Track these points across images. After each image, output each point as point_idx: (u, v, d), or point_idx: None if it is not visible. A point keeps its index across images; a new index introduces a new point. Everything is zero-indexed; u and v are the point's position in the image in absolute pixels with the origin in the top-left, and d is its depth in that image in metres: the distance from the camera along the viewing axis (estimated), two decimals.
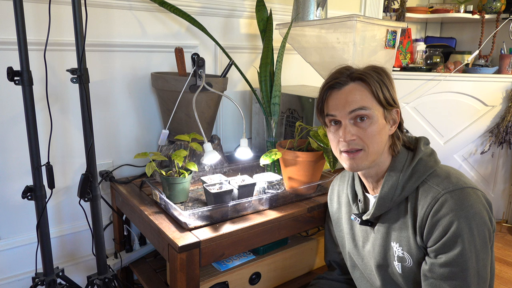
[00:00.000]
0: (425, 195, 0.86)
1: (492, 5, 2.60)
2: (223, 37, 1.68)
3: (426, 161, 0.91)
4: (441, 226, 0.82)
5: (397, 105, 0.93)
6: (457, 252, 0.81)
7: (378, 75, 0.90)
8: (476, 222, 0.81)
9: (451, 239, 0.81)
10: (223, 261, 1.24)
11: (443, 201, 0.83)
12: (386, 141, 0.92)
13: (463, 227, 0.80)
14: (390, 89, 0.91)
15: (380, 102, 0.89)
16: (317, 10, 1.57)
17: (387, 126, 0.92)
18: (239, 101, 1.81)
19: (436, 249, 0.84)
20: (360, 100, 0.88)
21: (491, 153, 2.53)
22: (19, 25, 0.95)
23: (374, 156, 0.90)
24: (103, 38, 1.39)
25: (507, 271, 2.10)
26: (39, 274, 1.13)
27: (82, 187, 1.05)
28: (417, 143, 0.95)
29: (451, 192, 0.83)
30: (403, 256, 0.91)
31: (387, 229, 0.94)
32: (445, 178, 0.87)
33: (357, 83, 0.90)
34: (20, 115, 1.22)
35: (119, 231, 1.46)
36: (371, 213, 0.95)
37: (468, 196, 0.83)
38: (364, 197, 1.02)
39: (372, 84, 0.89)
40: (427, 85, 2.47)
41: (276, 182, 1.29)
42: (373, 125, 0.88)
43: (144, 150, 1.53)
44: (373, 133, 0.88)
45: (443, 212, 0.82)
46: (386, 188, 0.91)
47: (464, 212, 0.81)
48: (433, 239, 0.84)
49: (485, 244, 0.83)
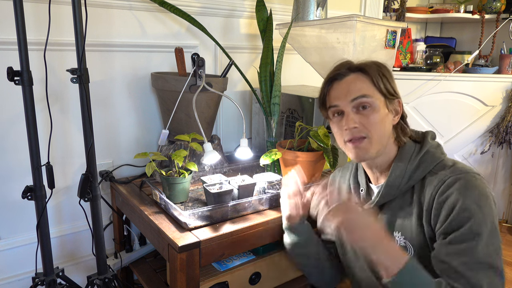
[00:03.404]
0: (432, 181, 0.87)
1: (492, 5, 2.60)
2: (223, 37, 1.68)
3: (433, 152, 0.92)
4: (448, 204, 0.82)
5: (398, 96, 0.95)
6: (467, 227, 0.79)
7: (378, 67, 0.93)
8: (484, 203, 0.81)
9: (458, 215, 0.80)
10: (223, 261, 1.24)
11: (450, 182, 0.83)
12: (389, 130, 0.93)
13: (471, 204, 0.80)
14: (390, 81, 0.93)
15: (381, 91, 0.91)
16: (317, 10, 1.57)
17: (389, 115, 0.93)
18: (239, 101, 1.81)
19: (445, 228, 0.82)
20: (361, 89, 0.91)
21: (491, 153, 2.53)
22: (19, 25, 0.95)
23: (378, 145, 0.91)
24: (103, 38, 1.39)
25: (507, 271, 2.10)
26: (39, 274, 1.12)
27: (82, 187, 1.05)
28: (424, 136, 0.96)
29: (457, 175, 0.84)
30: (405, 246, 0.91)
31: (390, 218, 0.94)
32: (452, 165, 0.88)
33: (357, 74, 0.93)
34: (20, 115, 1.22)
35: (119, 231, 1.46)
36: (376, 201, 0.95)
37: (474, 179, 0.83)
38: (367, 187, 1.02)
39: (372, 74, 0.91)
40: (427, 85, 2.47)
41: (276, 182, 1.29)
42: (375, 113, 0.90)
43: (144, 150, 1.52)
44: (375, 120, 0.90)
45: (450, 191, 0.82)
46: (394, 176, 0.91)
47: (470, 191, 0.81)
48: (441, 220, 0.83)
49: (494, 228, 0.80)
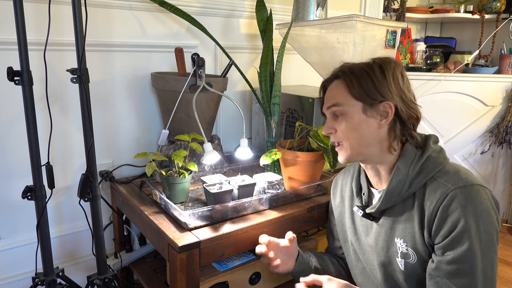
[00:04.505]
0: (434, 191, 0.86)
1: (492, 5, 2.60)
2: (223, 37, 1.68)
3: (436, 158, 0.90)
4: (450, 221, 0.82)
5: (387, 98, 0.88)
6: (465, 248, 0.80)
7: (362, 69, 0.90)
8: (483, 219, 0.81)
9: (459, 234, 0.81)
10: (223, 261, 1.24)
11: (453, 196, 0.83)
12: (374, 135, 0.91)
13: (471, 223, 0.80)
14: (376, 82, 0.88)
15: (357, 97, 0.90)
16: (317, 10, 1.57)
17: (370, 120, 0.90)
18: (239, 101, 1.81)
19: (444, 245, 0.83)
20: (335, 97, 0.94)
21: (491, 153, 2.53)
22: (19, 25, 0.95)
23: (355, 149, 0.93)
24: (103, 38, 1.39)
25: (507, 271, 2.10)
26: (39, 274, 1.12)
27: (82, 187, 1.05)
28: (426, 140, 0.95)
29: (461, 188, 0.83)
30: (407, 252, 0.91)
31: (392, 224, 0.94)
32: (455, 174, 0.87)
33: (337, 81, 0.95)
34: (20, 115, 1.22)
35: (119, 231, 1.46)
36: (377, 206, 0.95)
37: (478, 193, 0.83)
38: (368, 191, 1.02)
39: (346, 80, 0.92)
40: (427, 85, 2.47)
41: (276, 182, 1.29)
42: (347, 120, 0.92)
43: (144, 150, 1.52)
44: (347, 128, 0.92)
45: (452, 207, 0.82)
46: (395, 182, 0.91)
47: (473, 207, 0.81)
48: (442, 235, 0.84)
49: (492, 243, 0.83)
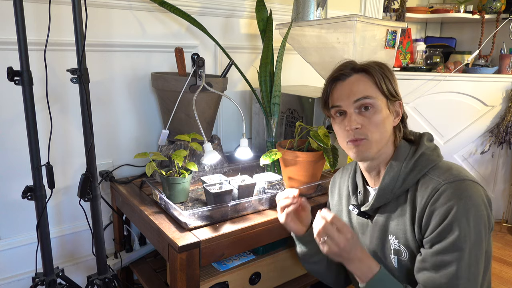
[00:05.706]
0: (426, 186, 0.87)
1: (492, 5, 2.60)
2: (223, 37, 1.68)
3: (429, 155, 0.91)
4: (438, 215, 0.82)
5: (399, 98, 0.95)
6: (451, 239, 0.81)
7: (380, 68, 0.94)
8: (473, 214, 0.81)
9: (447, 227, 0.81)
10: (223, 261, 1.24)
11: (443, 190, 0.83)
12: (390, 132, 0.94)
13: (459, 217, 0.80)
14: (393, 82, 0.94)
15: (383, 93, 0.92)
16: (317, 10, 1.57)
17: (390, 117, 0.94)
18: (239, 101, 1.81)
19: (432, 238, 0.84)
20: (364, 90, 0.91)
21: (491, 153, 2.53)
22: (19, 25, 0.95)
23: (377, 145, 0.92)
24: (103, 38, 1.39)
25: (507, 271, 2.10)
26: (39, 274, 1.12)
27: (82, 187, 1.05)
28: (421, 138, 0.96)
29: (451, 183, 0.84)
30: (399, 249, 0.92)
31: (385, 221, 0.94)
32: (447, 170, 0.87)
33: (360, 75, 0.93)
34: (20, 115, 1.22)
35: (119, 231, 1.46)
36: (370, 204, 0.95)
37: (467, 188, 0.83)
38: (364, 189, 1.03)
39: (375, 75, 0.92)
40: (427, 85, 2.47)
41: (276, 182, 1.29)
42: (377, 114, 0.91)
43: (144, 150, 1.52)
44: (377, 121, 0.91)
45: (441, 201, 0.83)
46: (387, 179, 0.91)
47: (462, 202, 0.81)
48: (430, 229, 0.84)
49: (479, 239, 0.82)
